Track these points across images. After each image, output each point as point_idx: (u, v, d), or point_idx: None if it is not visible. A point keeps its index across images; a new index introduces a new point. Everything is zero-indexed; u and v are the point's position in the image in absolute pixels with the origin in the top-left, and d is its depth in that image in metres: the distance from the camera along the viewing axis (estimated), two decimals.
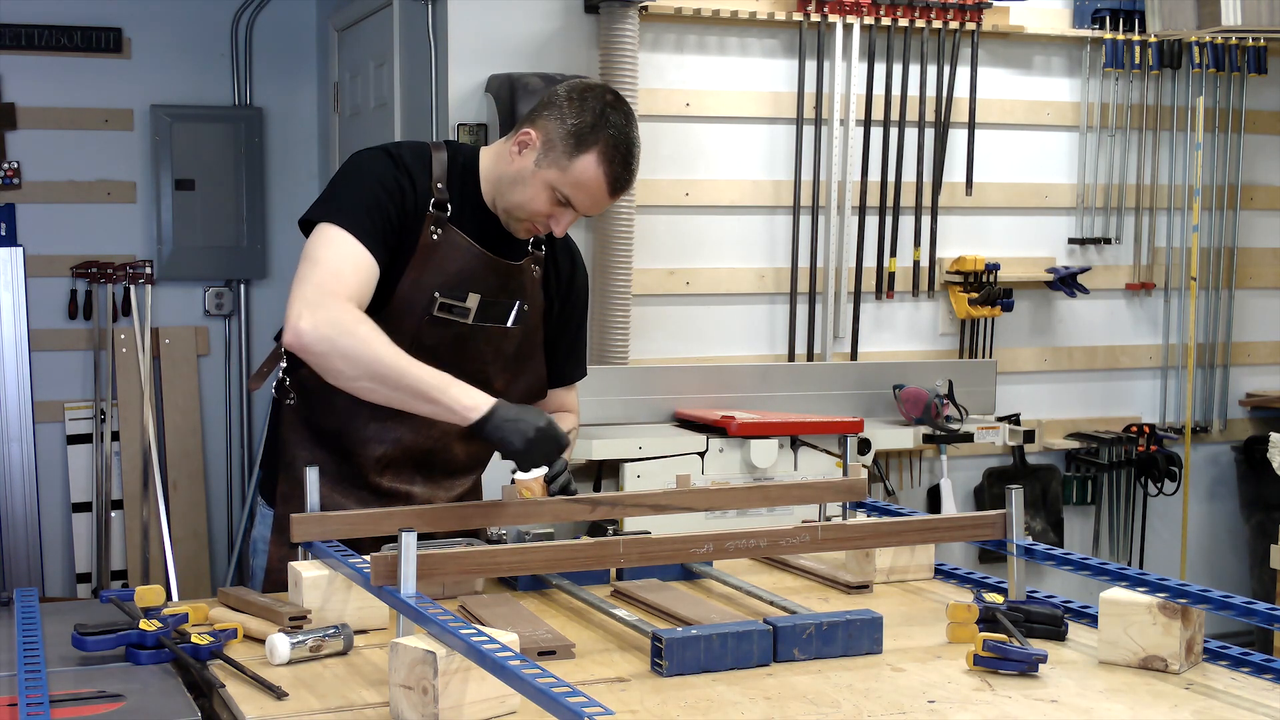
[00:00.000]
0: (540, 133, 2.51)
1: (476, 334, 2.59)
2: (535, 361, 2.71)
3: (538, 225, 2.56)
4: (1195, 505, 5.56)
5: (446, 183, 2.57)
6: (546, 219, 2.54)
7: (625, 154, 2.51)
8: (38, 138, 5.54)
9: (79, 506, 5.61)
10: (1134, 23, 5.25)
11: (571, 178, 2.49)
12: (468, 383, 2.43)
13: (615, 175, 2.50)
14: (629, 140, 2.53)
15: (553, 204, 2.52)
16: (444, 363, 2.47)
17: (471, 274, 2.57)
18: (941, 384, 4.75)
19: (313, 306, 2.36)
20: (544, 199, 2.51)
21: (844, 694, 1.95)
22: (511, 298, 2.62)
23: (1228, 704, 1.92)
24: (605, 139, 2.49)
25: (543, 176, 2.50)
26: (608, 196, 2.53)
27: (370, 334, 2.37)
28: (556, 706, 1.53)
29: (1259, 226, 5.67)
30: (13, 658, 2.07)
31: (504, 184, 2.55)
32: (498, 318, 2.61)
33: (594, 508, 2.46)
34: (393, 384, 2.37)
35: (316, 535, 2.27)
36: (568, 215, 2.54)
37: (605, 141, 2.48)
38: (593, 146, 2.48)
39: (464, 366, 2.54)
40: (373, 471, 2.62)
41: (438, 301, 2.54)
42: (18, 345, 4.61)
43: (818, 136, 4.91)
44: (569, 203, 2.51)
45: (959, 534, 2.40)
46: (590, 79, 2.54)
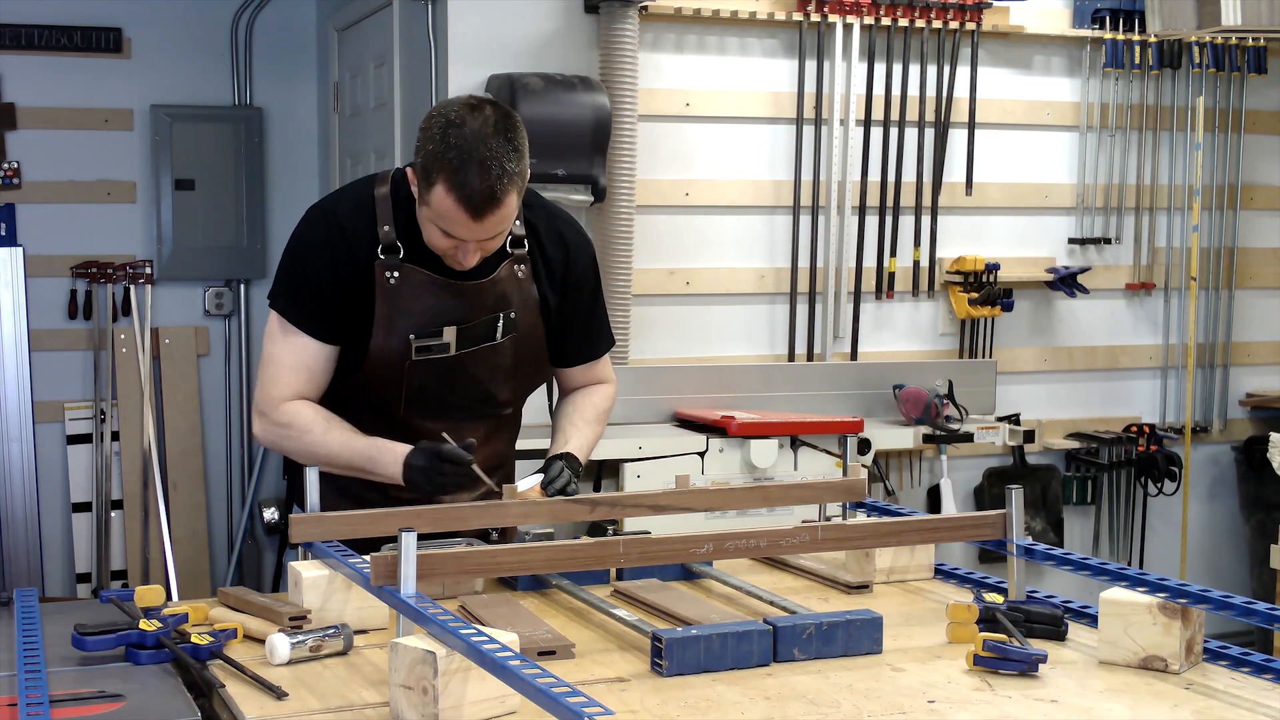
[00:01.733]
0: (413, 170, 2.45)
1: (465, 360, 2.57)
2: (538, 359, 2.67)
3: (456, 259, 2.46)
4: (1195, 505, 5.56)
5: (394, 220, 2.52)
6: (454, 252, 2.45)
7: (477, 170, 2.33)
8: (38, 138, 5.54)
9: (79, 506, 5.61)
10: (1134, 23, 5.25)
11: (435, 211, 2.39)
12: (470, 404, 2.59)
13: (469, 197, 2.33)
14: (477, 156, 2.33)
15: (445, 238, 2.42)
16: (439, 395, 2.56)
17: (440, 307, 2.52)
18: (941, 384, 4.75)
19: (258, 414, 2.60)
20: (437, 235, 2.43)
21: (844, 694, 1.95)
22: (494, 312, 2.57)
23: (1228, 704, 1.92)
24: (446, 165, 2.34)
25: (424, 215, 2.44)
26: (472, 221, 2.36)
27: (301, 430, 2.54)
28: (556, 706, 1.53)
29: (1259, 226, 5.67)
30: (13, 658, 2.07)
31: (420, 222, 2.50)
32: (484, 337, 2.57)
33: (594, 508, 2.46)
34: (336, 466, 2.54)
35: (316, 535, 2.27)
36: (465, 246, 2.43)
37: (447, 167, 2.34)
38: (438, 176, 2.35)
39: (460, 391, 2.58)
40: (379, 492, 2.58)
41: (414, 345, 2.52)
42: (18, 345, 4.61)
43: (818, 136, 4.91)
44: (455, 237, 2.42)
45: (959, 534, 2.40)
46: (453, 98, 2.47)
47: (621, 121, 4.44)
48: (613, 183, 4.45)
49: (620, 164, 4.47)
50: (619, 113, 4.42)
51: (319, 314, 2.53)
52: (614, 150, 4.43)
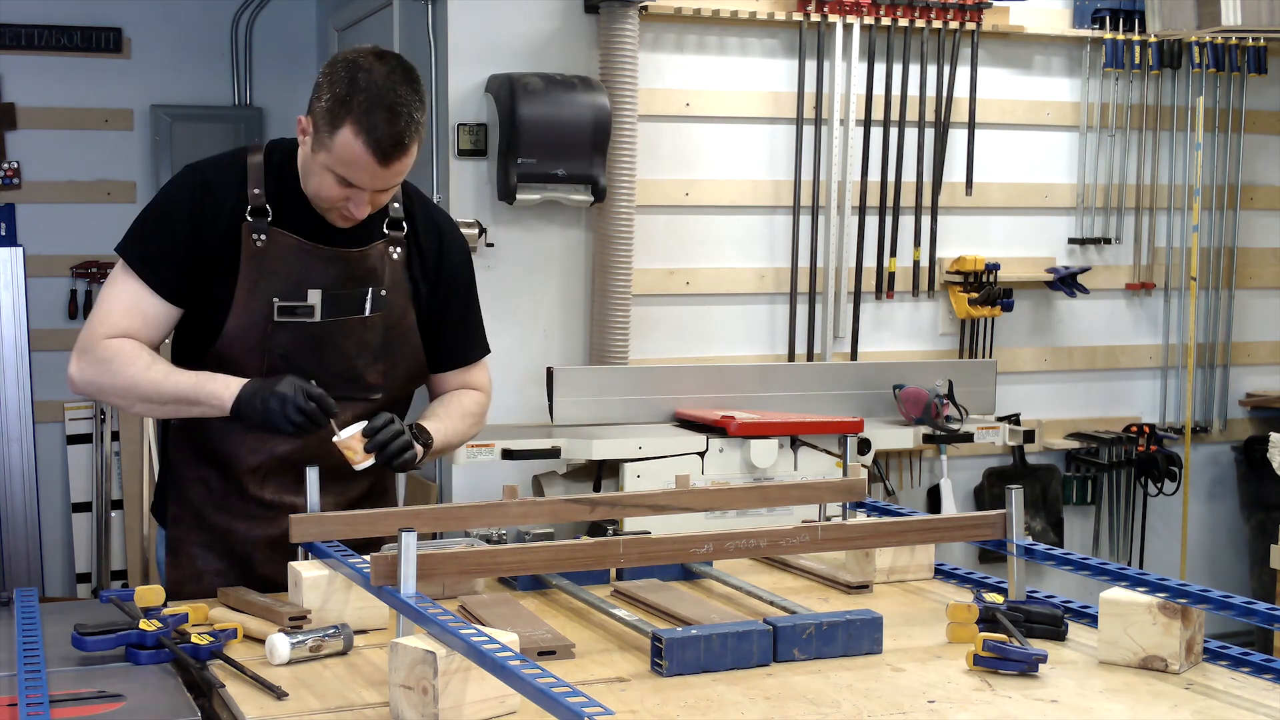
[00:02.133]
0: (310, 117, 2.42)
1: (332, 330, 2.50)
2: (409, 347, 2.59)
3: (342, 212, 2.43)
4: (1195, 505, 5.56)
5: (264, 186, 2.50)
6: (345, 203, 2.41)
7: (386, 113, 2.31)
8: (38, 138, 5.54)
9: (79, 506, 5.61)
10: (1134, 23, 5.25)
11: (337, 156, 2.35)
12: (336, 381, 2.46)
13: (377, 140, 2.31)
14: (388, 99, 2.32)
15: (340, 187, 2.39)
16: (304, 365, 2.45)
17: (306, 271, 2.47)
18: (941, 384, 4.75)
19: (79, 353, 2.45)
20: (330, 184, 2.39)
21: (844, 694, 1.95)
22: (363, 285, 2.51)
23: (1228, 704, 1.92)
24: (357, 105, 2.32)
25: (319, 161, 2.39)
26: (379, 166, 2.34)
27: (125, 362, 2.41)
28: (556, 706, 1.53)
29: (1259, 226, 5.67)
30: (13, 658, 2.07)
31: (302, 176, 2.48)
32: (351, 309, 2.51)
33: (594, 508, 2.46)
34: (159, 399, 2.42)
35: (316, 535, 2.27)
36: (360, 195, 2.40)
37: (358, 108, 2.31)
38: (346, 118, 2.32)
39: (327, 365, 2.49)
40: (253, 484, 2.52)
41: (276, 305, 2.46)
42: (18, 345, 4.61)
43: (818, 136, 4.91)
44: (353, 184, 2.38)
45: (959, 534, 2.40)
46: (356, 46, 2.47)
47: (621, 121, 4.44)
48: (613, 183, 4.45)
49: (620, 164, 4.47)
50: (619, 113, 4.42)
51: (168, 270, 2.46)
52: (614, 150, 4.43)
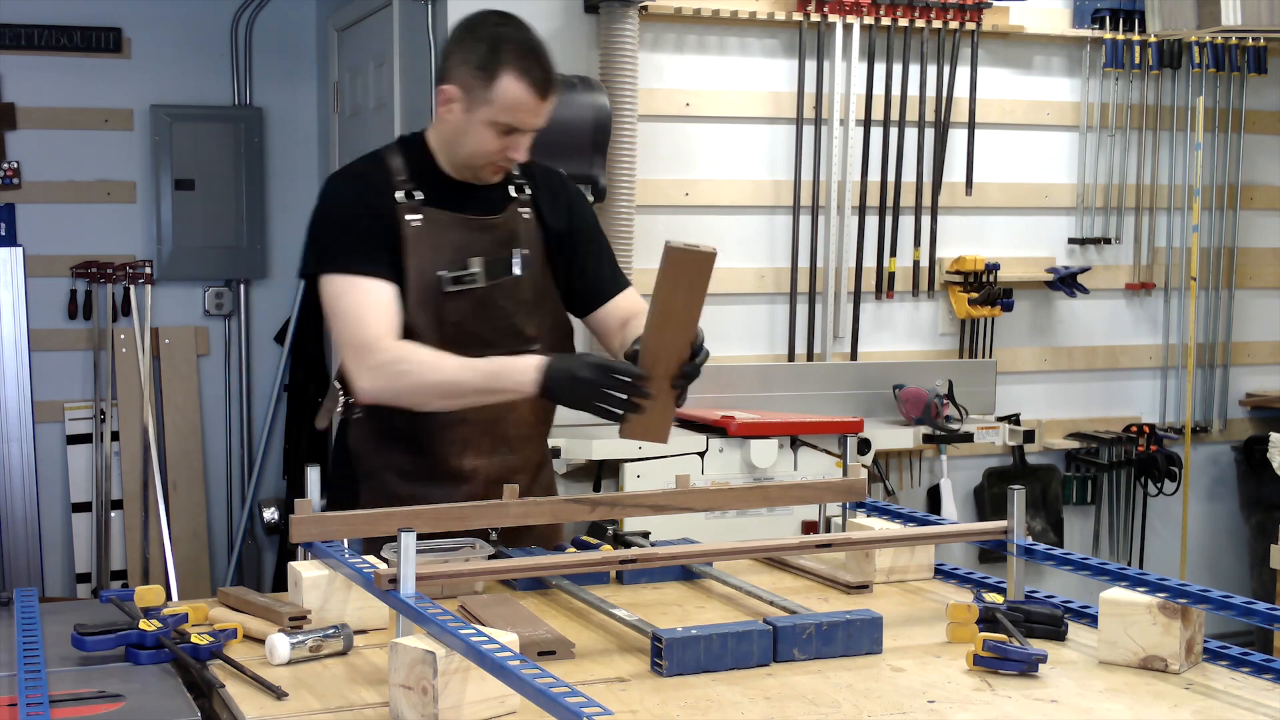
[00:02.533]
0: (454, 85, 2.63)
1: (493, 293, 2.69)
2: (551, 299, 2.81)
3: (500, 164, 2.66)
4: (1195, 505, 5.56)
5: (409, 173, 2.70)
6: (504, 153, 2.63)
7: (535, 56, 2.59)
8: (38, 138, 5.53)
9: (79, 506, 5.61)
10: (1134, 23, 5.25)
11: (500, 105, 2.58)
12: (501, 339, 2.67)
13: (536, 79, 2.58)
14: (531, 43, 2.61)
15: (501, 137, 2.61)
16: (474, 329, 2.66)
17: (464, 242, 2.68)
18: (941, 384, 4.75)
19: (360, 368, 2.57)
20: (490, 137, 2.61)
21: (844, 694, 1.95)
22: (508, 248, 2.71)
23: (1228, 704, 1.92)
24: (508, 53, 2.57)
25: (478, 118, 2.61)
26: (540, 102, 2.60)
27: (417, 365, 2.55)
28: (556, 706, 1.53)
29: (1259, 226, 5.67)
30: (13, 658, 2.07)
31: (452, 145, 2.68)
32: (504, 271, 2.70)
33: (594, 508, 2.45)
34: (458, 395, 2.57)
35: (316, 535, 2.27)
36: (520, 139, 2.63)
37: (510, 55, 2.57)
38: (503, 68, 2.57)
39: (493, 324, 2.69)
40: (452, 455, 2.71)
41: (446, 278, 2.65)
42: (18, 345, 4.62)
43: (818, 136, 4.91)
44: (513, 128, 2.61)
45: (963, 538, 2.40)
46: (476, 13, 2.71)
47: (621, 121, 4.44)
48: (613, 183, 4.45)
49: (620, 164, 4.47)
50: (619, 113, 4.42)
51: (373, 255, 2.62)
52: (614, 150, 4.43)
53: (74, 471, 5.60)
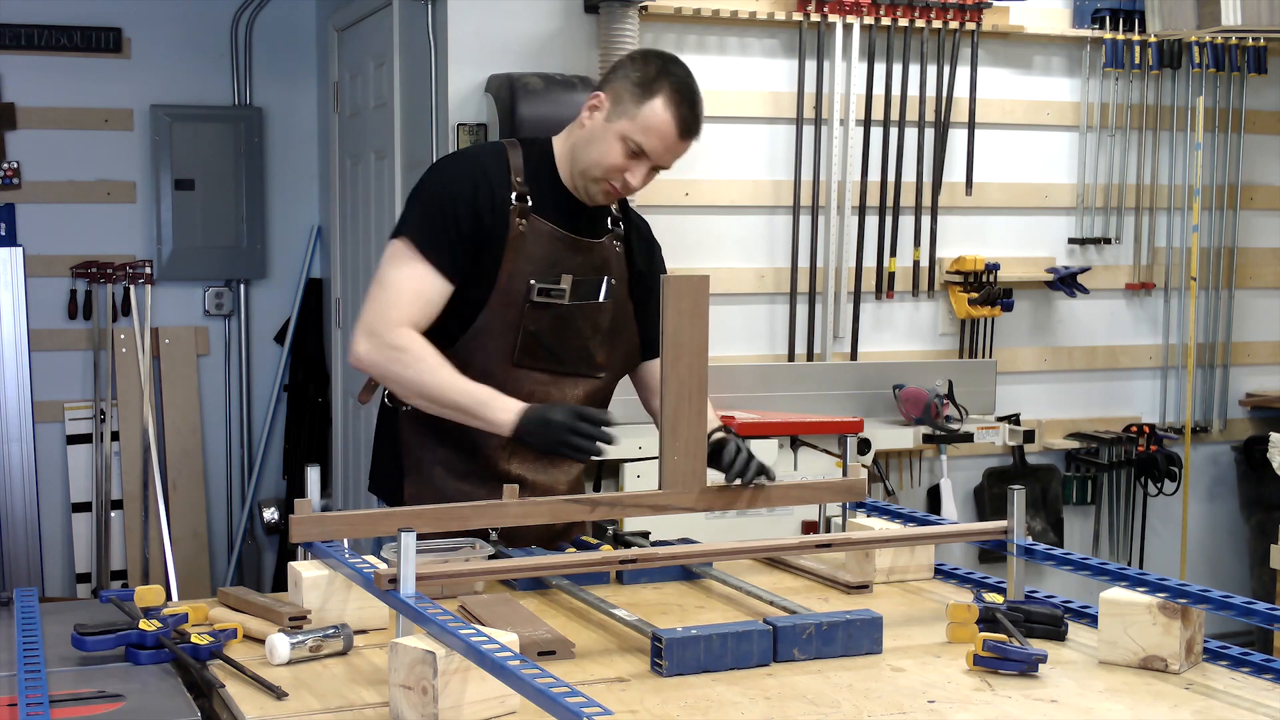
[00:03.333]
0: (608, 93, 2.67)
1: (574, 312, 2.72)
2: (629, 332, 2.82)
3: (613, 183, 2.67)
4: (1195, 505, 5.56)
5: (525, 175, 2.72)
6: (622, 173, 2.65)
7: (691, 97, 2.64)
8: (38, 138, 5.53)
9: (79, 506, 5.61)
10: (1134, 23, 5.25)
11: (641, 123, 2.61)
12: (572, 358, 2.72)
13: (683, 116, 2.63)
14: (692, 86, 2.66)
15: (627, 156, 2.64)
16: (549, 343, 2.70)
17: (560, 257, 2.70)
18: (941, 384, 4.75)
19: (369, 334, 2.62)
20: (618, 151, 2.63)
21: (844, 694, 1.95)
22: (599, 274, 2.74)
23: (1228, 704, 1.92)
24: (669, 83, 2.63)
25: (615, 129, 2.63)
26: (678, 139, 2.64)
27: (416, 358, 2.59)
28: (556, 706, 1.53)
29: (1259, 226, 5.67)
30: (13, 658, 2.07)
31: (579, 149, 2.70)
32: (590, 294, 2.73)
33: (594, 508, 2.45)
34: (439, 403, 2.61)
35: (316, 535, 2.27)
36: (642, 166, 2.65)
37: (670, 85, 2.62)
38: (659, 91, 2.62)
39: (567, 343, 2.71)
40: (501, 459, 2.71)
41: (535, 287, 2.68)
42: (18, 345, 4.62)
43: (818, 136, 4.91)
44: (642, 151, 2.63)
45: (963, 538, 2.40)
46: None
47: None
48: None
49: None
50: None
51: (450, 248, 2.64)
52: None
53: (74, 471, 5.60)
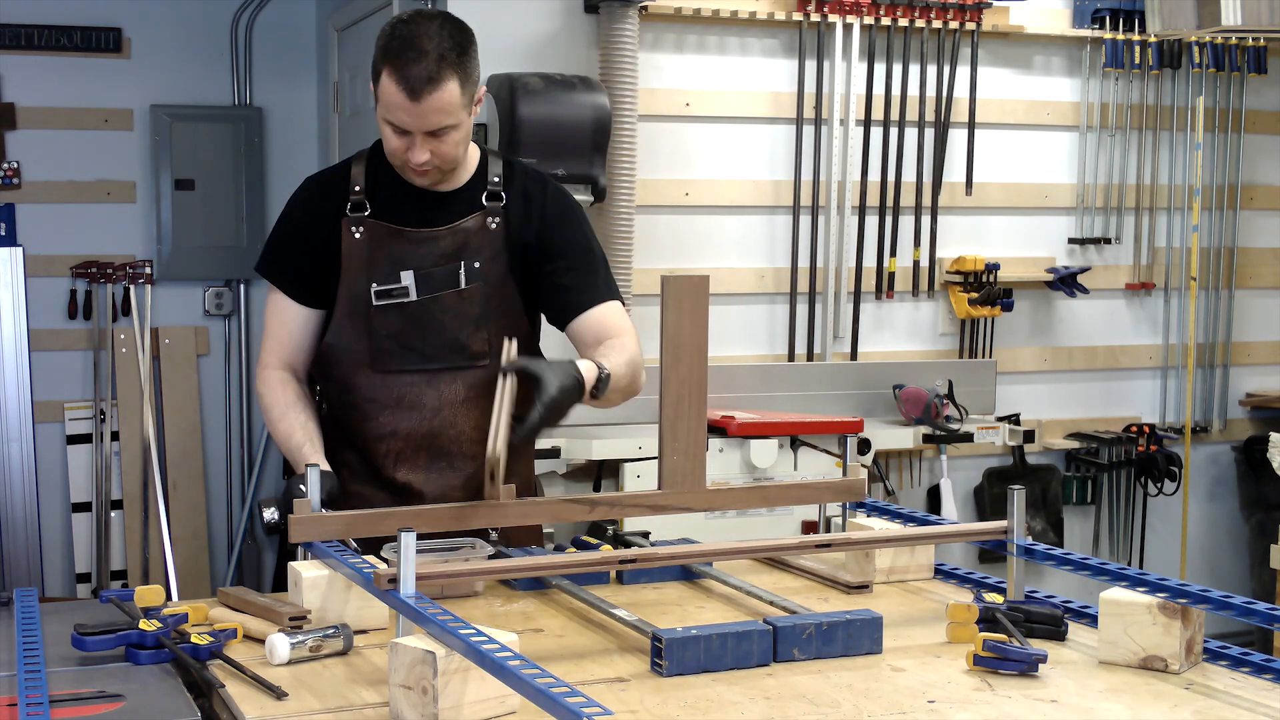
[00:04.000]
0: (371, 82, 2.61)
1: (429, 306, 2.66)
2: (512, 314, 2.70)
3: (414, 166, 2.58)
4: (1195, 505, 5.56)
5: (365, 182, 2.68)
6: (405, 153, 2.57)
7: (414, 52, 2.47)
8: (38, 138, 5.53)
9: (79, 506, 5.61)
10: (1134, 23, 5.25)
11: (384, 105, 2.54)
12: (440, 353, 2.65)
13: (406, 75, 2.48)
14: (415, 39, 2.49)
15: (397, 137, 2.56)
16: (408, 342, 2.65)
17: (398, 255, 2.65)
18: (941, 384, 4.75)
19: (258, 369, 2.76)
20: (389, 136, 2.57)
21: (844, 694, 1.95)
22: (454, 260, 2.66)
23: (1228, 704, 1.92)
24: (390, 50, 2.51)
25: (378, 117, 2.58)
26: (413, 102, 2.49)
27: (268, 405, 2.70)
28: (556, 706, 1.53)
29: (1259, 226, 5.67)
30: (13, 658, 2.07)
31: None
32: (445, 284, 2.66)
33: (594, 508, 2.45)
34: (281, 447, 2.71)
35: (316, 535, 2.27)
36: (414, 141, 2.54)
37: (391, 52, 2.50)
38: (382, 67, 2.52)
39: (430, 339, 2.66)
40: (386, 466, 2.70)
41: (374, 290, 2.65)
42: (18, 345, 4.62)
43: (818, 136, 4.91)
44: (401, 129, 2.54)
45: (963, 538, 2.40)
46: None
47: (621, 121, 4.44)
48: (613, 183, 4.45)
49: (620, 164, 4.47)
50: (619, 113, 4.42)
51: (292, 274, 2.71)
52: (614, 150, 4.43)
53: (74, 471, 5.60)
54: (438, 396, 2.67)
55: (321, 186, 2.74)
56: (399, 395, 2.67)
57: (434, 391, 2.67)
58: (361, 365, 2.68)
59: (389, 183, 2.68)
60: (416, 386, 2.67)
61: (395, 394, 2.67)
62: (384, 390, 2.67)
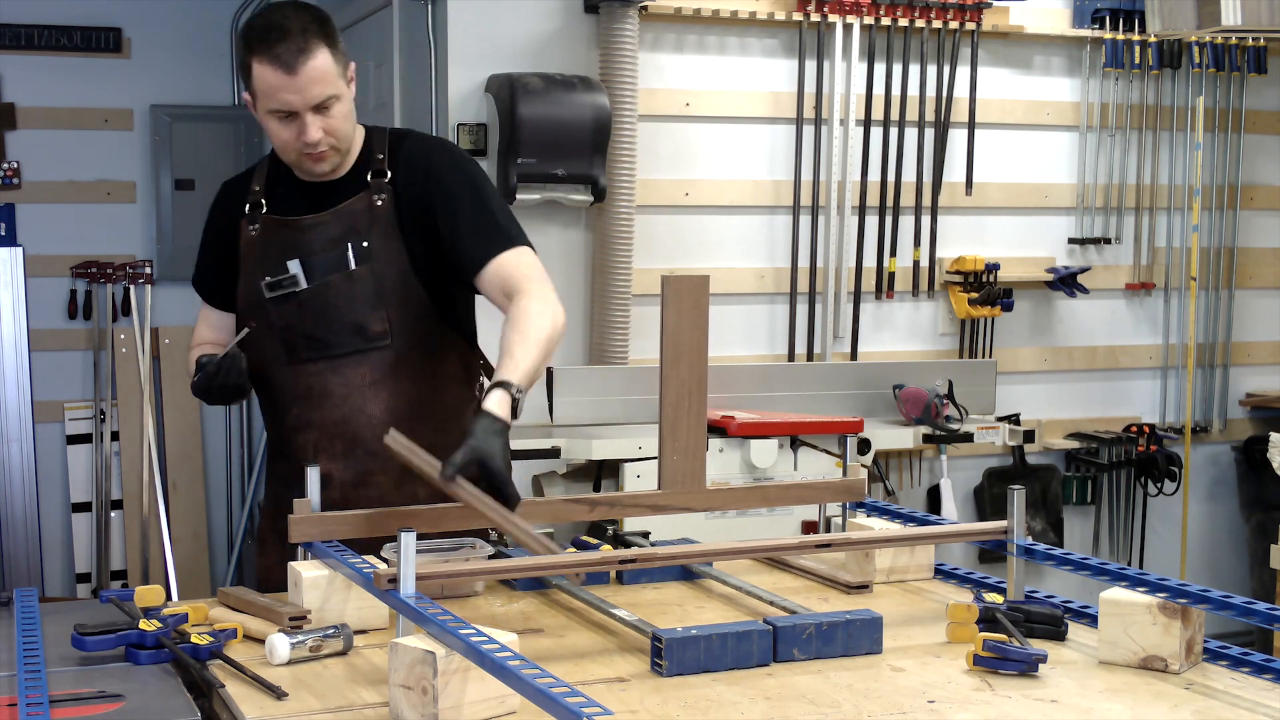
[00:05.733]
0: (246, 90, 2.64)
1: (321, 291, 2.64)
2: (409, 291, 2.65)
3: (303, 151, 2.59)
4: (1195, 505, 5.56)
5: (266, 183, 2.73)
6: (298, 139, 2.57)
7: (276, 32, 2.52)
8: (38, 138, 5.54)
9: (79, 506, 5.61)
10: (1134, 23, 5.25)
11: (264, 94, 2.55)
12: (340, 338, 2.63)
13: (277, 54, 2.50)
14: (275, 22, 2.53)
15: (285, 125, 2.57)
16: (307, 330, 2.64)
17: (283, 245, 2.67)
18: (941, 384, 4.75)
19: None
20: (277, 127, 2.58)
21: (844, 694, 1.95)
22: (341, 243, 2.63)
23: (1228, 704, 1.92)
24: (252, 40, 2.55)
25: (261, 113, 2.59)
26: (285, 76, 2.51)
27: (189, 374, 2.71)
28: (556, 706, 1.53)
29: (1259, 226, 5.67)
30: (13, 658, 2.07)
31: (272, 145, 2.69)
32: (334, 268, 2.64)
33: (594, 508, 2.45)
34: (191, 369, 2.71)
35: (316, 535, 2.27)
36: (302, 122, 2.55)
37: (253, 41, 2.54)
38: (250, 57, 2.54)
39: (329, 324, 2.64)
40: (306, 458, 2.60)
41: (265, 283, 2.66)
42: (17, 345, 4.61)
43: (818, 136, 4.91)
44: (286, 110, 2.54)
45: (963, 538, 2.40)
46: None
47: (621, 121, 4.44)
48: (613, 183, 4.45)
49: (620, 164, 4.47)
50: (619, 113, 4.42)
51: (211, 276, 2.80)
52: (614, 150, 4.43)
53: (74, 471, 5.60)
54: (344, 383, 2.64)
55: (228, 192, 2.80)
56: (307, 385, 2.65)
57: (340, 378, 2.64)
58: (272, 360, 2.67)
59: (287, 181, 2.71)
60: (322, 375, 2.64)
61: (304, 384, 2.65)
62: (294, 382, 2.66)
